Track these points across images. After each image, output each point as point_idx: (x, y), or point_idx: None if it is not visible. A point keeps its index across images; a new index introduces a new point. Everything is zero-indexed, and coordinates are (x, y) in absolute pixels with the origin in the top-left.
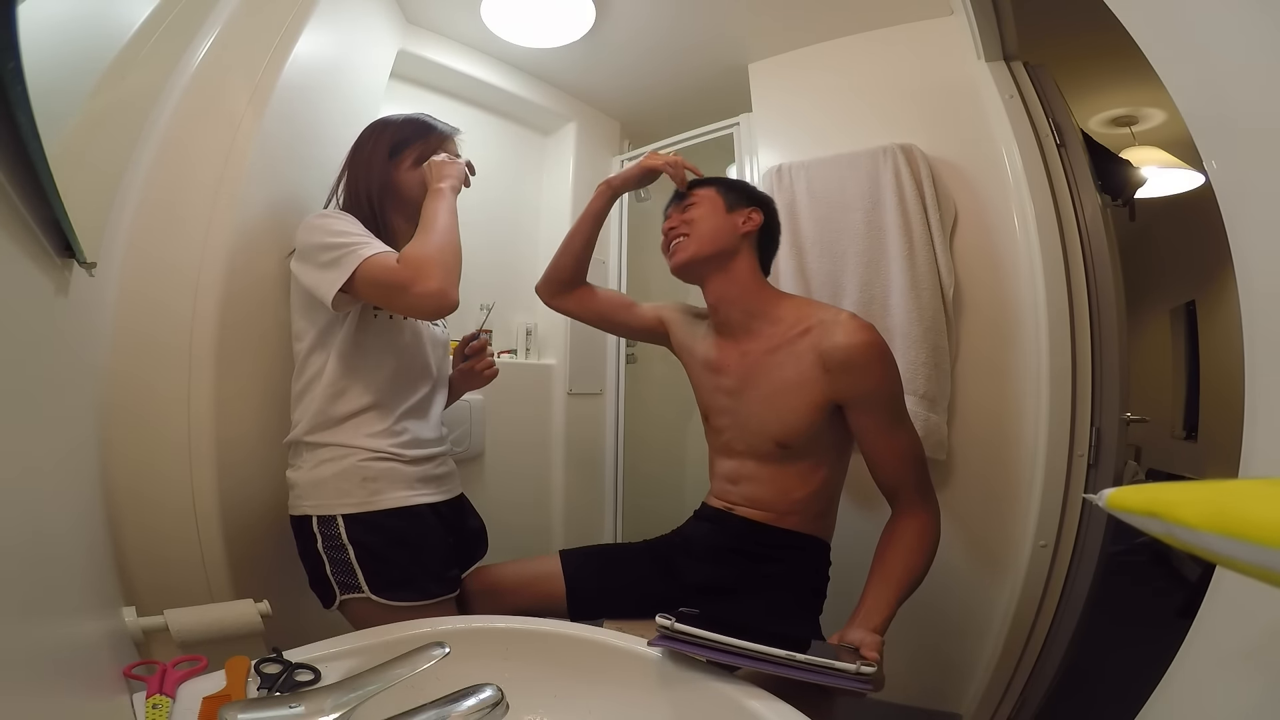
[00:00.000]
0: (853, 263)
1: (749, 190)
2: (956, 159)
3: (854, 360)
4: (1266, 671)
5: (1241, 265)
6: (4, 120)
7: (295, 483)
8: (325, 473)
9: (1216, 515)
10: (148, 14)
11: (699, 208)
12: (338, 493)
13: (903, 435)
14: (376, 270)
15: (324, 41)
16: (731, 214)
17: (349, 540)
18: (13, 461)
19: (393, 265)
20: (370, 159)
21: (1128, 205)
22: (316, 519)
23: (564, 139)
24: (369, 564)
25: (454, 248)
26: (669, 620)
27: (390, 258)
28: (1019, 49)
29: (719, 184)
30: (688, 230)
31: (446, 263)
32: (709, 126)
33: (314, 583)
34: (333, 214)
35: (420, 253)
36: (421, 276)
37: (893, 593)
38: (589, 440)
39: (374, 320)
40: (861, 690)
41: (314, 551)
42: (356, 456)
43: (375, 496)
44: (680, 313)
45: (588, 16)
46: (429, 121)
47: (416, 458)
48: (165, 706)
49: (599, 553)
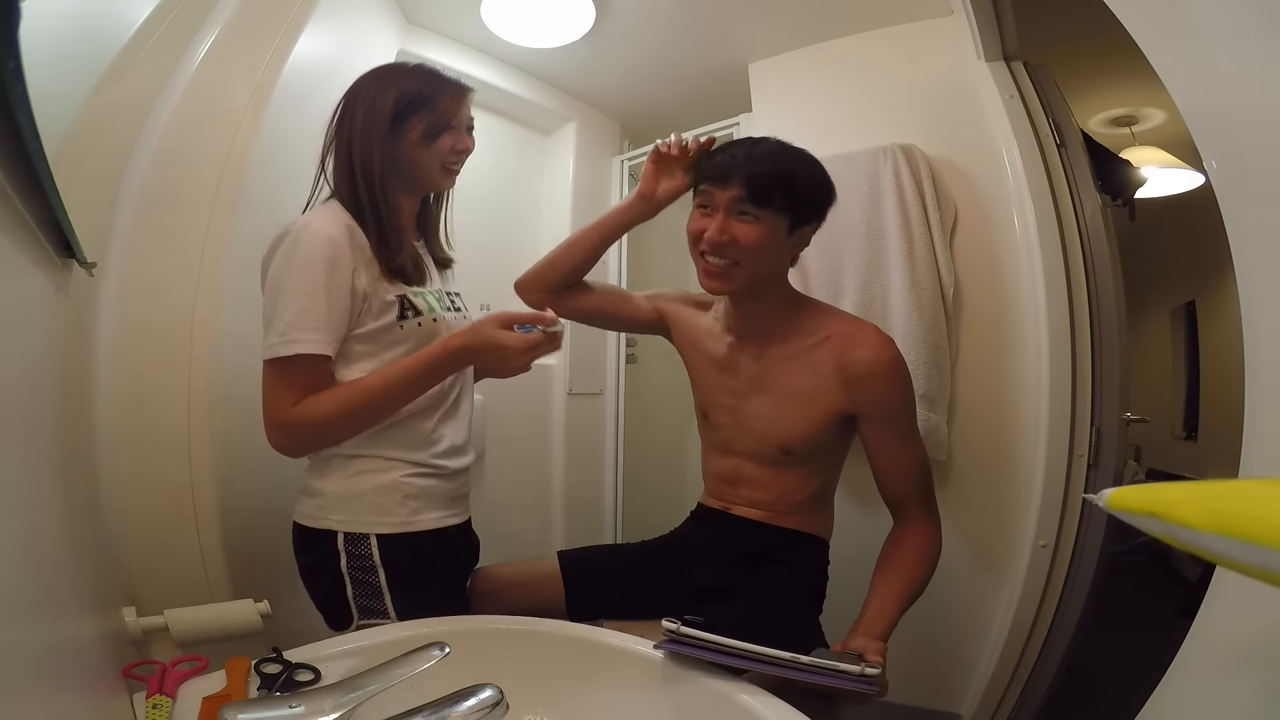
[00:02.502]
0: (853, 262)
1: (824, 195)
2: (956, 159)
3: (876, 375)
4: (1266, 671)
5: (1241, 265)
6: (4, 120)
7: (321, 492)
8: (363, 485)
9: (1216, 515)
10: (148, 14)
11: (758, 229)
12: (376, 509)
13: (913, 450)
14: (269, 382)
15: (324, 42)
16: (791, 238)
17: (381, 562)
18: (12, 461)
19: (280, 389)
20: (367, 130)
21: (1128, 205)
22: (343, 536)
23: (564, 139)
24: (399, 589)
25: (357, 422)
26: (675, 624)
27: (296, 376)
28: (1019, 49)
29: (795, 197)
30: (737, 256)
31: (321, 435)
32: (709, 126)
33: (325, 603)
34: (308, 256)
35: (313, 412)
36: (284, 430)
37: (895, 603)
38: (589, 440)
39: (400, 330)
40: (867, 692)
41: (333, 570)
42: (400, 471)
43: (415, 516)
44: (680, 303)
45: (588, 17)
46: (438, 76)
47: (455, 470)
48: (165, 706)
49: (597, 554)
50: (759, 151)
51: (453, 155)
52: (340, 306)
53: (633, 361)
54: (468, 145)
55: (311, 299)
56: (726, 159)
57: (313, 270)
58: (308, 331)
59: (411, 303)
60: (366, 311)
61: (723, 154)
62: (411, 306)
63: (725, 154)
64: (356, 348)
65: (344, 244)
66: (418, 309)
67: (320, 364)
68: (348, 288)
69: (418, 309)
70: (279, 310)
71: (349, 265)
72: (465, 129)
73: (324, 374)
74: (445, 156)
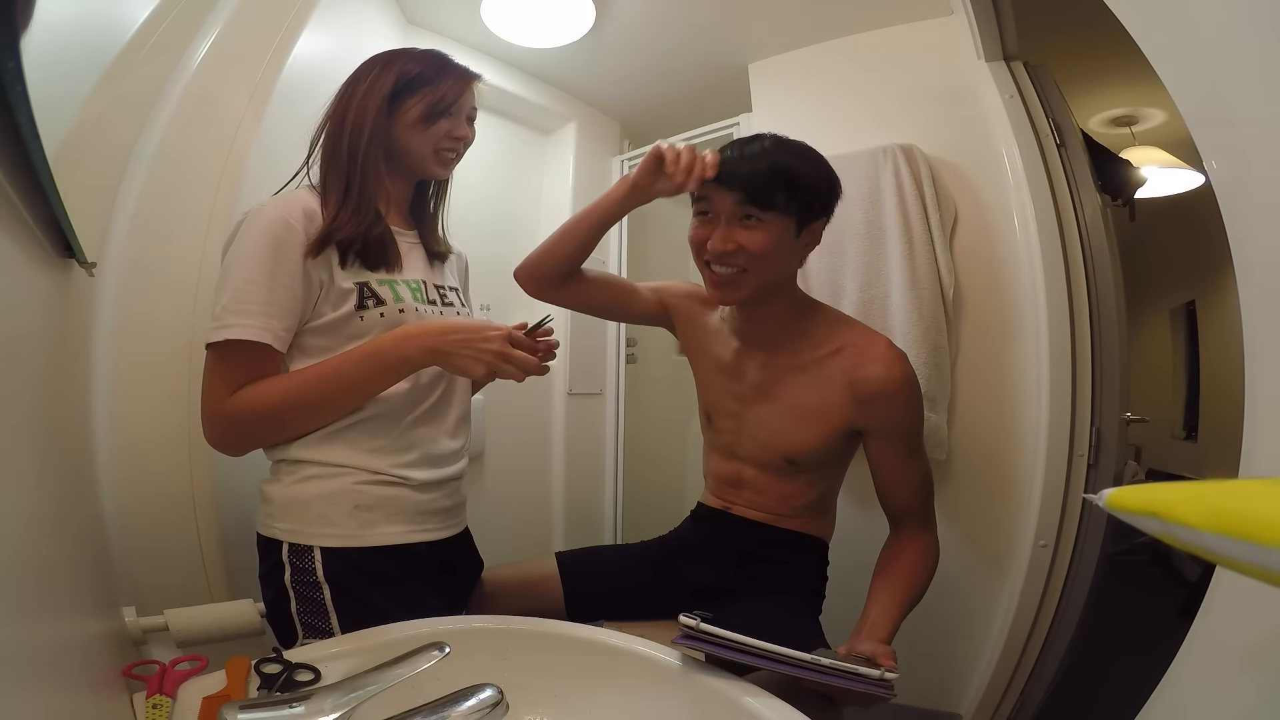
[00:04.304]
0: (853, 263)
1: (829, 189)
2: (956, 159)
3: (888, 394)
4: (1266, 671)
5: (1241, 265)
6: (4, 120)
7: (270, 498)
8: (308, 492)
9: (1216, 515)
10: (148, 14)
11: (764, 234)
12: (320, 519)
13: (918, 465)
14: (206, 370)
15: (324, 42)
16: (800, 238)
17: (325, 579)
18: (12, 461)
19: (213, 379)
20: (364, 102)
21: (1128, 205)
22: (287, 546)
23: (564, 139)
24: (346, 608)
25: (298, 417)
26: (694, 620)
27: (232, 365)
28: (1019, 49)
29: (799, 195)
30: (744, 263)
31: (257, 431)
32: (709, 126)
33: (273, 616)
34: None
35: (246, 404)
36: (215, 422)
37: (896, 607)
38: (589, 440)
39: (360, 321)
40: (885, 695)
41: (278, 583)
42: (351, 478)
43: (366, 530)
44: (687, 298)
45: (588, 16)
46: (445, 60)
47: (427, 482)
48: (165, 706)
49: (596, 554)
50: (754, 150)
51: (448, 141)
52: (287, 293)
53: (633, 361)
54: (466, 134)
55: (251, 283)
56: (724, 162)
57: (258, 252)
58: (244, 316)
59: (373, 291)
60: (324, 300)
61: (718, 157)
62: (373, 295)
63: (720, 156)
64: (313, 341)
65: (297, 226)
66: (380, 298)
67: (259, 353)
68: (297, 272)
69: (380, 298)
70: (219, 294)
71: (300, 249)
72: (466, 118)
73: (264, 365)
74: (440, 141)
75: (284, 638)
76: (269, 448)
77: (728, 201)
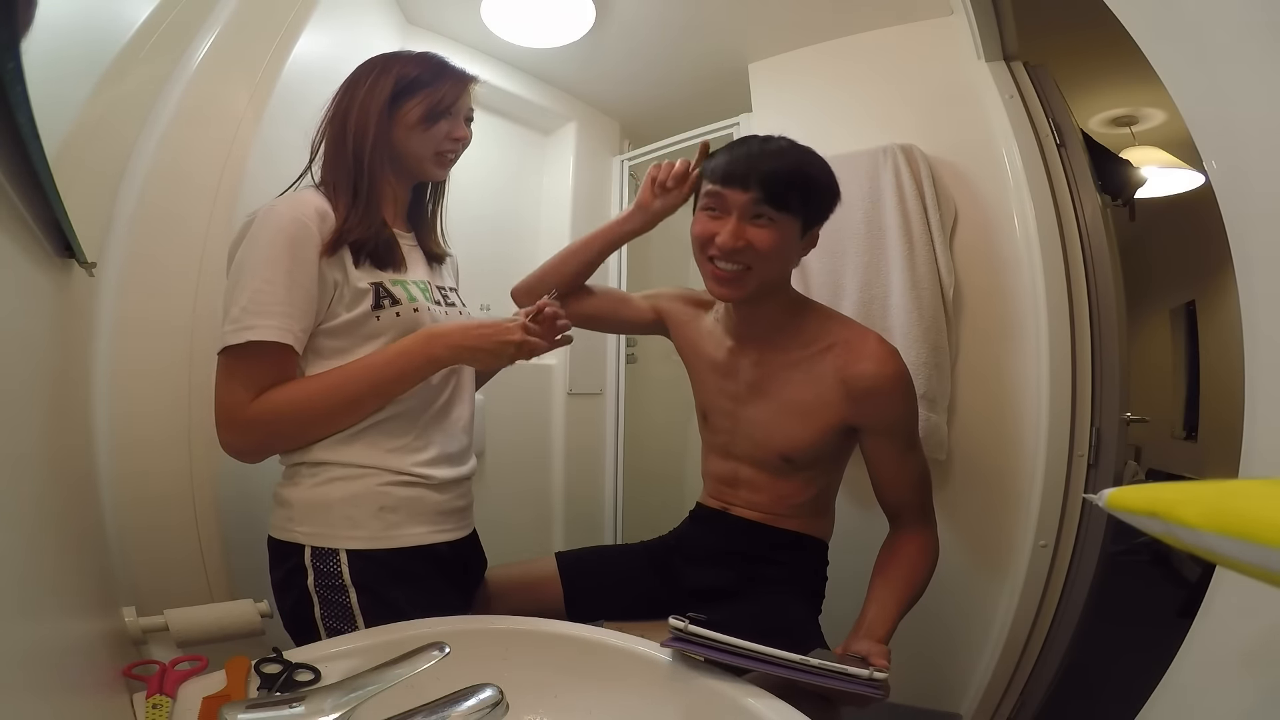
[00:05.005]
0: (853, 262)
1: (834, 194)
2: (956, 159)
3: (880, 390)
4: (1266, 672)
5: (1241, 265)
6: (4, 120)
7: (288, 501)
8: (332, 494)
9: (1216, 515)
10: (148, 14)
11: (773, 233)
12: (346, 521)
13: (914, 461)
14: (222, 374)
15: (324, 42)
16: (803, 240)
17: (351, 581)
18: (12, 461)
19: (233, 383)
20: (366, 105)
21: (1128, 205)
22: (310, 550)
23: (564, 139)
24: (372, 609)
25: (323, 421)
26: (682, 622)
27: (252, 367)
28: (1019, 49)
29: (811, 198)
30: (750, 261)
31: (280, 436)
32: (709, 126)
33: (291, 622)
34: (269, 239)
35: (270, 408)
36: (236, 428)
37: (895, 606)
38: (589, 440)
39: (377, 321)
40: (874, 695)
41: (299, 586)
42: (376, 479)
43: (391, 531)
44: (680, 302)
45: (588, 16)
46: (442, 63)
47: (446, 481)
48: (165, 706)
49: (595, 555)
50: (772, 149)
51: (448, 143)
52: (304, 293)
53: (633, 361)
54: (464, 134)
55: (270, 283)
56: (739, 160)
57: (273, 253)
58: (265, 317)
59: (388, 291)
60: (338, 300)
61: (729, 154)
62: (389, 295)
63: (733, 154)
64: (329, 343)
65: (311, 226)
66: (395, 298)
67: (280, 354)
68: (314, 273)
69: (395, 298)
70: (235, 295)
71: (315, 249)
72: (464, 119)
73: (285, 367)
74: (440, 143)
75: (303, 643)
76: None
77: (742, 199)
